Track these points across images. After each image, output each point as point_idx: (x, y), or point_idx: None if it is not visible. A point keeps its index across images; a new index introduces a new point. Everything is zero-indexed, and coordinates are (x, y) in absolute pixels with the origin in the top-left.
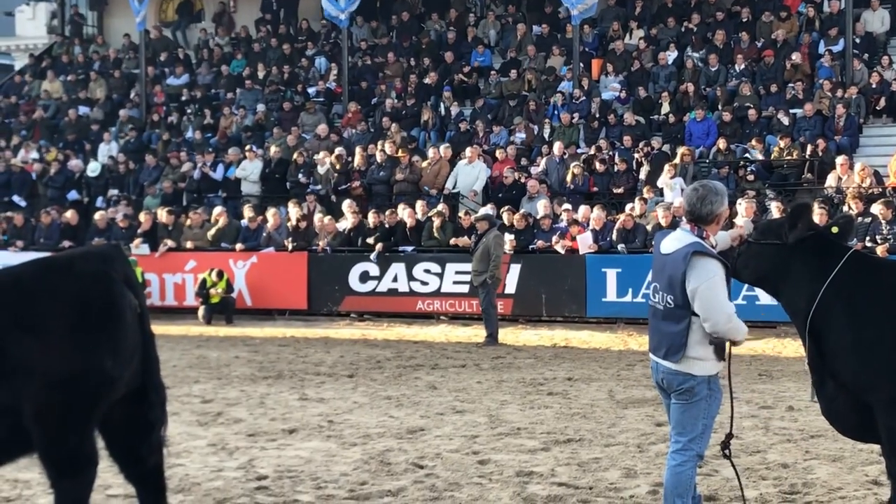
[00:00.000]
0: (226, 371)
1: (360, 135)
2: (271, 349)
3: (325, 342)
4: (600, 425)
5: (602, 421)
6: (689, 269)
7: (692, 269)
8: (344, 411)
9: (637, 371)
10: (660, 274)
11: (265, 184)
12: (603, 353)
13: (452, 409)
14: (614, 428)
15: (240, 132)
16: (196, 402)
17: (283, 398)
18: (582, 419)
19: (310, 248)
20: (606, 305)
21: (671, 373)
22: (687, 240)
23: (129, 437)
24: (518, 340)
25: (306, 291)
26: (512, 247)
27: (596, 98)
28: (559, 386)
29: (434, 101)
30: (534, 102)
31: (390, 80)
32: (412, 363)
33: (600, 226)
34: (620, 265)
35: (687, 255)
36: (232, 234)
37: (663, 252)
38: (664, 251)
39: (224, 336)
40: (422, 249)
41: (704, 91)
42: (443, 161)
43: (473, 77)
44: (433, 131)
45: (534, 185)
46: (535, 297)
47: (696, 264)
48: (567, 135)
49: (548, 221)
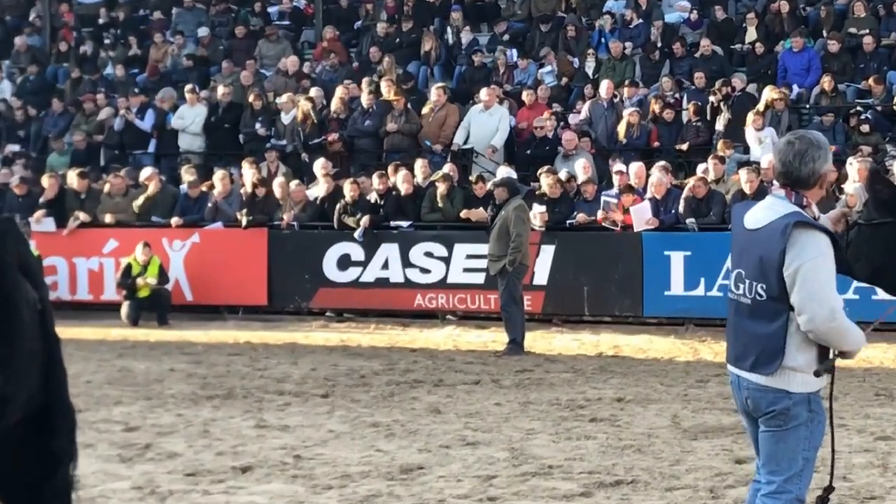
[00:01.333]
0: (157, 389)
1: (338, 71)
2: (219, 359)
3: (292, 350)
4: (660, 462)
5: (662, 457)
6: (789, 246)
7: (793, 245)
8: (315, 443)
9: (711, 389)
10: (745, 256)
11: (211, 137)
12: (665, 364)
13: (462, 440)
14: (679, 466)
15: (176, 67)
16: (117, 431)
17: (235, 425)
18: (636, 454)
19: (271, 223)
20: (670, 301)
21: (760, 390)
22: (783, 209)
23: (27, 475)
24: (551, 348)
25: (266, 282)
26: (543, 222)
27: (657, 21)
28: (606, 409)
29: (439, 26)
30: (573, 27)
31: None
32: (408, 378)
33: (662, 194)
34: (689, 246)
35: (787, 227)
36: (166, 204)
37: (749, 227)
38: (750, 226)
39: (156, 342)
40: (422, 225)
41: (803, 11)
42: (450, 107)
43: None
44: (437, 66)
45: (572, 139)
46: (573, 289)
47: (800, 239)
48: (618, 71)
49: (591, 188)
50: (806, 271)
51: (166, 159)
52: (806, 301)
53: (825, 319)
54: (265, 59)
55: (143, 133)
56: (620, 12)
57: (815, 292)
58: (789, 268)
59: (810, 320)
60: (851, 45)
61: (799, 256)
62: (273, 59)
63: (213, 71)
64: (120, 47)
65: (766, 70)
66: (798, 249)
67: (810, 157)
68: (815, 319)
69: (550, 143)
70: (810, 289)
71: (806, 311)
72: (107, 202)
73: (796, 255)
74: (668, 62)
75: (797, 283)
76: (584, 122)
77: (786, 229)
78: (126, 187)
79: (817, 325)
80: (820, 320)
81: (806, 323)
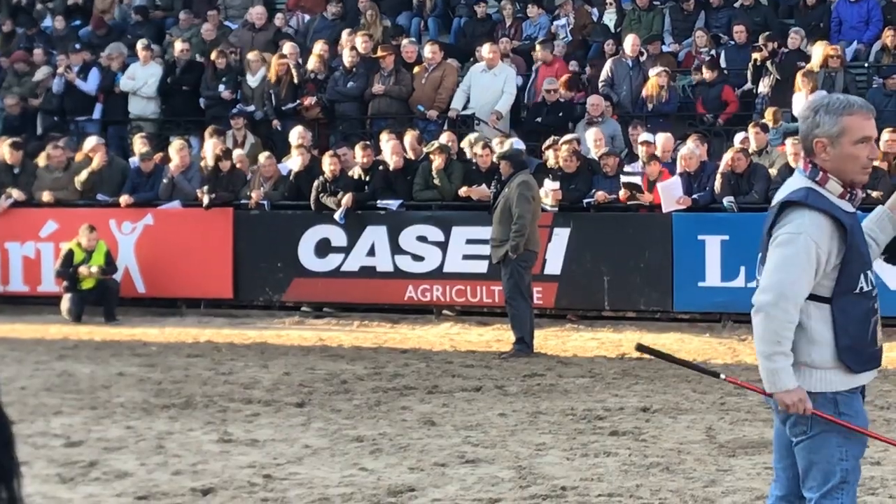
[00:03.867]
0: (104, 396)
1: (316, 23)
2: (176, 362)
3: (262, 351)
4: (692, 483)
5: (695, 476)
6: (775, 226)
7: (778, 223)
8: (289, 461)
9: (752, 397)
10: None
11: (167, 101)
12: None
13: (460, 456)
14: (714, 488)
15: (126, 19)
16: (57, 446)
17: (194, 439)
18: (664, 473)
19: (237, 202)
20: (704, 294)
21: None
22: (794, 184)
23: None
24: (565, 349)
25: (232, 271)
26: (555, 200)
27: None
28: (629, 421)
29: None
30: None
31: None
32: (397, 384)
33: (695, 168)
34: (727, 230)
35: (778, 204)
36: (114, 179)
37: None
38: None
39: (102, 341)
40: (414, 205)
41: None
42: (447, 65)
43: None
44: (432, 18)
45: (594, 104)
46: (592, 280)
47: (786, 217)
48: (644, 23)
49: (613, 160)
50: (778, 243)
51: (114, 127)
52: (765, 273)
53: (768, 300)
54: (230, 10)
55: (86, 96)
56: None
57: (777, 266)
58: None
59: (759, 291)
60: None
61: (778, 230)
62: (239, 10)
63: (170, 23)
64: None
65: (818, 23)
66: (780, 225)
67: (804, 120)
68: (761, 292)
69: (565, 108)
70: (774, 260)
71: (762, 281)
72: (44, 177)
73: (776, 231)
74: (703, 13)
75: (768, 255)
76: (606, 84)
77: (777, 207)
78: (67, 160)
79: (759, 299)
80: (764, 296)
81: (755, 294)
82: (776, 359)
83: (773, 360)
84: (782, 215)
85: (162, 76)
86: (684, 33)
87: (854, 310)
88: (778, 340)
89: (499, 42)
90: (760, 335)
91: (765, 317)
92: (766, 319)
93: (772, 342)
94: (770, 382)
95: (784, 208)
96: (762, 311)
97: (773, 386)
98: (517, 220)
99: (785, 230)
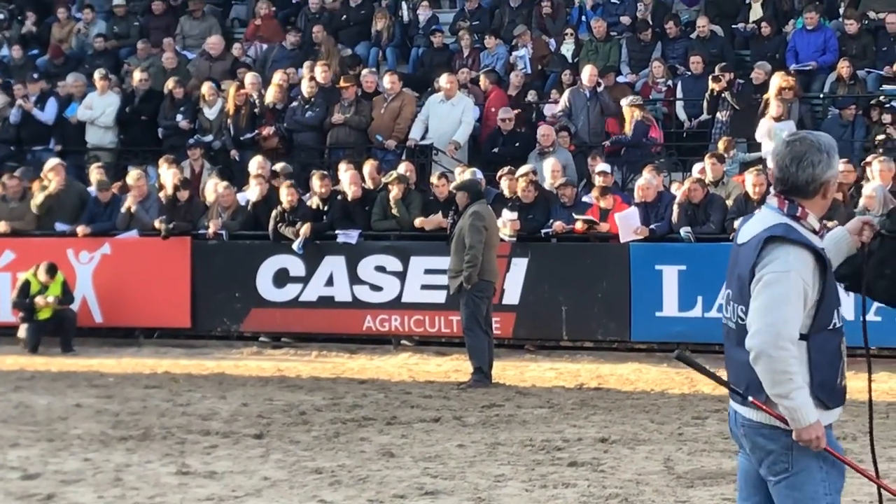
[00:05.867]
0: (61, 428)
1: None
2: (133, 393)
3: (220, 381)
4: None
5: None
6: (759, 262)
7: (763, 259)
8: (248, 493)
9: (710, 427)
10: (732, 275)
11: (124, 130)
12: (656, 398)
13: (419, 488)
14: None
15: (83, 48)
16: (13, 478)
17: (152, 471)
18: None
19: (195, 231)
20: (662, 324)
21: (754, 427)
22: (771, 220)
23: None
24: (523, 379)
25: (189, 301)
26: (513, 231)
27: None
28: (587, 452)
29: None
30: (549, 2)
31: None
32: (356, 415)
33: (653, 198)
34: (684, 260)
35: (759, 242)
36: (72, 206)
37: (739, 242)
38: (740, 240)
39: (59, 372)
40: (373, 235)
41: None
42: (406, 95)
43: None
44: (390, 48)
45: (548, 134)
46: (550, 310)
47: (771, 253)
48: (602, 54)
49: (570, 191)
50: (766, 282)
51: (72, 156)
52: (755, 314)
53: (767, 341)
54: (188, 39)
55: (43, 126)
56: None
57: (768, 307)
58: (755, 284)
59: (752, 335)
60: (873, 25)
61: (764, 268)
62: (197, 39)
63: (126, 53)
64: (16, 23)
65: (775, 53)
66: (765, 262)
67: (809, 162)
68: (756, 335)
69: (522, 138)
70: (765, 301)
71: (753, 323)
72: (0, 207)
73: (762, 268)
74: (659, 44)
75: (754, 294)
76: (563, 115)
77: (758, 244)
78: (23, 190)
79: (756, 343)
80: (761, 339)
81: (748, 339)
82: (794, 395)
83: (792, 397)
84: (765, 252)
85: (120, 106)
86: (641, 64)
87: (828, 346)
88: (790, 378)
89: (457, 72)
90: (770, 379)
91: (768, 360)
92: (770, 362)
93: (784, 381)
94: (794, 420)
95: (766, 244)
96: (763, 354)
97: (797, 423)
98: (469, 251)
99: (772, 268)
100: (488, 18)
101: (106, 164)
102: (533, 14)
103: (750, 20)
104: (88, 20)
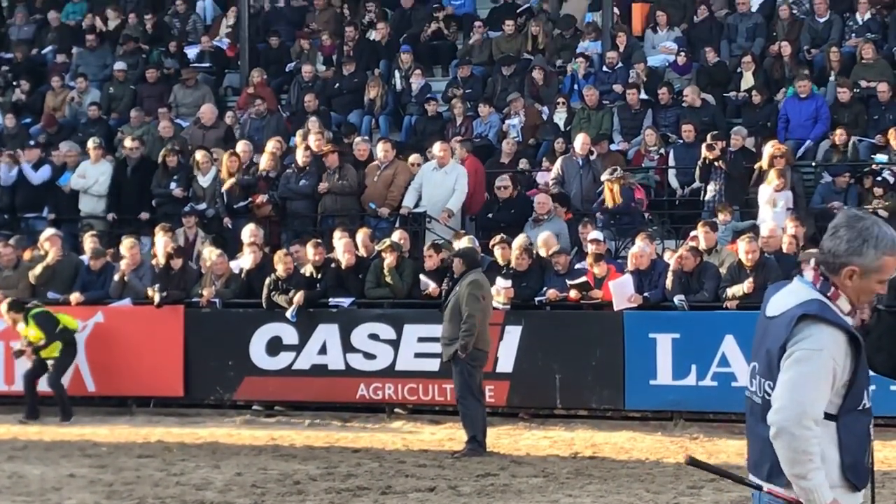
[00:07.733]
0: (55, 499)
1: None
2: (127, 463)
3: (213, 450)
4: None
5: None
6: (791, 339)
7: (795, 336)
8: None
9: (705, 497)
10: (759, 348)
11: (117, 199)
12: (651, 467)
13: None
14: None
15: (77, 116)
16: None
17: None
18: None
19: (188, 300)
20: (656, 392)
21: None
22: (805, 295)
23: None
24: (518, 447)
25: (182, 369)
26: (507, 299)
27: (639, 64)
28: None
29: (385, 69)
30: (542, 71)
31: (316, 34)
32: (350, 485)
33: (646, 266)
34: (678, 328)
35: (793, 319)
36: (66, 275)
37: (768, 315)
38: (770, 313)
39: (52, 441)
40: (366, 303)
41: (808, 55)
42: (399, 163)
43: (451, 29)
44: (384, 116)
45: (543, 202)
46: (544, 378)
47: (804, 331)
48: (594, 122)
49: (564, 259)
50: (796, 359)
51: (66, 225)
52: (781, 388)
53: (790, 419)
54: (181, 108)
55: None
56: (597, 53)
57: (795, 384)
58: (785, 360)
59: (776, 411)
60: (864, 94)
61: (796, 344)
62: (191, 108)
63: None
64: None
65: (766, 122)
66: (798, 339)
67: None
68: (780, 411)
69: (516, 205)
70: (793, 377)
71: (779, 399)
72: None
73: (794, 343)
74: (650, 112)
75: (783, 369)
76: (556, 182)
77: (791, 321)
78: (17, 258)
79: (779, 419)
80: (784, 416)
81: (771, 414)
82: (812, 476)
83: (810, 478)
84: (797, 329)
85: (112, 174)
86: (633, 132)
87: (857, 427)
88: (810, 458)
89: (450, 140)
90: (790, 457)
91: (790, 438)
92: (793, 440)
93: (804, 462)
94: (810, 501)
95: (799, 321)
96: (786, 432)
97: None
98: (466, 320)
99: (803, 345)
100: (481, 86)
101: (99, 232)
102: (525, 82)
103: (741, 88)
104: (82, 89)
